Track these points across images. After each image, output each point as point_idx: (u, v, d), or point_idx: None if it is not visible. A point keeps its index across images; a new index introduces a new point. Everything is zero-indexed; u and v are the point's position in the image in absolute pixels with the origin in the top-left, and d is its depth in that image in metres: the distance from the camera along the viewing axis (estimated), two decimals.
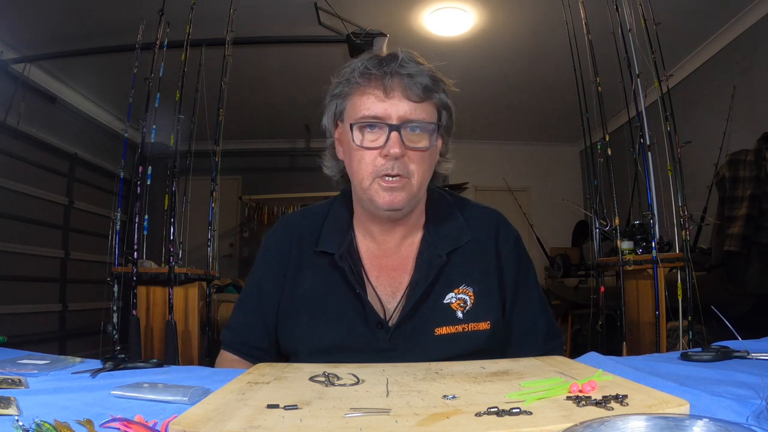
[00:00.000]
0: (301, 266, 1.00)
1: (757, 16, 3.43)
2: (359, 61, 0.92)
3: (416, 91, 0.89)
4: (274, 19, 3.60)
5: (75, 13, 3.46)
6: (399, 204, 0.91)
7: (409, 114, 0.89)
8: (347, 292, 0.95)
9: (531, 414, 0.51)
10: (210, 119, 2.98)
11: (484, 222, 1.03)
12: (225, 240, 6.06)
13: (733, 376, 0.70)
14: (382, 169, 0.89)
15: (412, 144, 0.90)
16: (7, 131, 3.74)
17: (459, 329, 0.93)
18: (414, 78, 0.89)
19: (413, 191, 0.92)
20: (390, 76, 0.89)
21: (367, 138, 0.90)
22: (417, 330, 0.93)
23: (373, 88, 0.90)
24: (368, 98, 0.90)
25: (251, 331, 1.02)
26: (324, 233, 1.00)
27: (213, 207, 3.00)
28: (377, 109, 0.89)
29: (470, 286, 0.96)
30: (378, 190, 0.91)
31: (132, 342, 2.61)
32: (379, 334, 0.93)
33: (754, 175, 2.77)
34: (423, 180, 0.93)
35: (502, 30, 3.91)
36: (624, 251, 2.51)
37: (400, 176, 0.90)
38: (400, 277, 0.98)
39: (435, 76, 0.92)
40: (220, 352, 1.05)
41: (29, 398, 0.64)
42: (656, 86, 2.62)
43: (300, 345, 0.97)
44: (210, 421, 0.50)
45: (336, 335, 0.94)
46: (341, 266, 0.95)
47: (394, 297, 0.97)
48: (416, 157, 0.91)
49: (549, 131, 6.09)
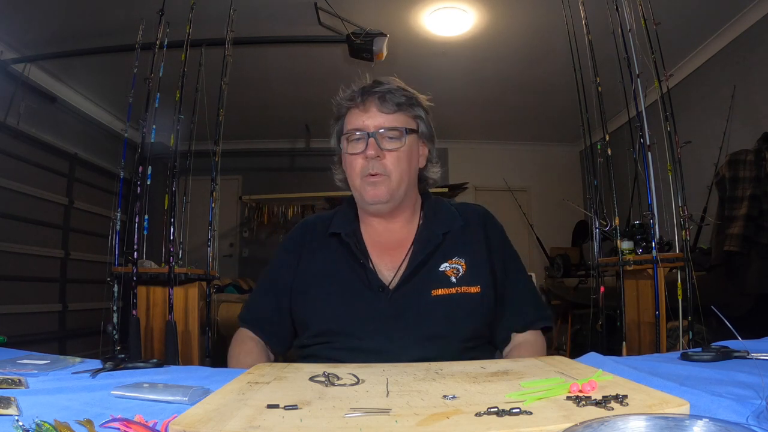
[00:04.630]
0: (314, 250, 1.17)
1: (757, 16, 3.43)
2: (348, 90, 1.15)
3: (389, 106, 1.09)
4: (274, 19, 3.60)
5: (75, 13, 3.46)
6: (381, 197, 1.08)
7: (382, 123, 1.09)
8: (353, 264, 1.11)
9: (531, 414, 0.51)
10: (210, 119, 2.98)
11: (473, 213, 1.21)
12: (225, 240, 6.07)
13: (733, 376, 0.70)
14: (365, 169, 1.09)
15: (387, 146, 1.09)
16: (7, 131, 3.74)
17: (453, 291, 1.06)
18: (385, 95, 1.09)
19: (392, 186, 1.09)
20: (368, 95, 1.10)
21: (351, 146, 1.11)
22: (415, 292, 1.06)
23: (355, 107, 1.13)
24: (352, 114, 1.13)
25: (265, 308, 1.17)
26: (335, 221, 1.19)
27: (213, 207, 2.99)
28: (357, 122, 1.10)
29: (462, 257, 1.11)
30: (364, 186, 1.10)
31: (132, 342, 2.60)
32: (381, 296, 1.06)
33: (754, 175, 2.77)
34: (401, 176, 1.10)
35: (502, 30, 3.91)
36: (624, 251, 2.51)
37: (379, 174, 1.08)
38: (400, 254, 1.12)
39: (408, 94, 1.12)
40: (238, 330, 1.19)
41: (29, 398, 0.64)
42: (656, 86, 2.61)
43: (310, 314, 1.10)
44: (210, 421, 0.50)
45: (342, 300, 1.08)
46: (347, 242, 1.11)
47: (393, 270, 1.10)
48: (392, 157, 1.09)
49: (549, 131, 6.09)
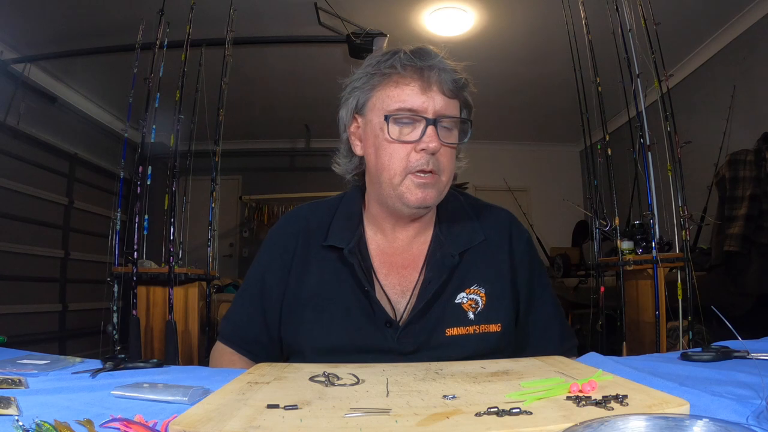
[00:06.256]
0: (307, 261, 0.97)
1: (757, 16, 3.43)
2: (392, 53, 0.89)
3: (450, 86, 0.88)
4: (274, 19, 3.60)
5: (75, 13, 3.46)
6: (430, 201, 0.89)
7: (443, 109, 0.87)
8: (355, 289, 0.92)
9: (531, 414, 0.51)
10: (210, 119, 2.98)
11: (497, 223, 1.01)
12: (225, 240, 6.06)
13: (733, 376, 0.70)
14: (417, 164, 0.87)
15: (446, 139, 0.88)
16: (7, 131, 3.74)
17: (470, 330, 0.90)
18: (450, 74, 0.88)
19: (442, 188, 0.91)
20: (429, 70, 0.87)
21: (402, 132, 0.87)
22: (427, 330, 0.90)
23: (411, 79, 0.87)
24: (405, 89, 0.87)
25: (251, 325, 0.99)
26: (333, 227, 0.97)
27: (213, 207, 3.00)
28: (415, 102, 0.86)
29: (482, 286, 0.93)
30: (410, 187, 0.88)
31: (132, 342, 2.61)
32: (388, 333, 0.90)
33: (754, 175, 2.77)
34: (450, 177, 0.92)
35: (502, 30, 3.91)
36: (624, 251, 2.51)
37: (432, 172, 0.87)
38: (410, 275, 0.95)
39: (462, 75, 0.91)
40: (217, 343, 1.02)
41: (29, 398, 0.63)
42: (656, 86, 2.62)
43: (304, 343, 0.93)
44: (210, 421, 0.50)
45: (342, 334, 0.91)
46: (350, 262, 0.92)
47: (403, 296, 0.94)
48: (447, 153, 0.89)
49: (549, 131, 6.08)
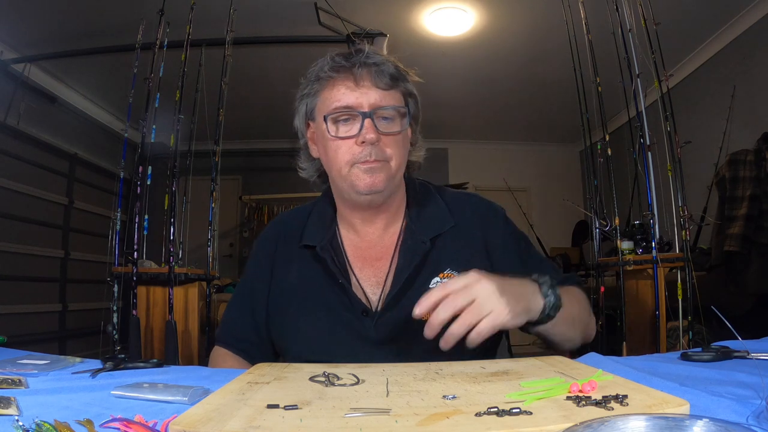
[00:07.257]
0: (288, 261, 1.02)
1: (757, 16, 3.43)
2: (326, 58, 0.95)
3: (384, 80, 0.92)
4: (274, 19, 3.60)
5: (75, 13, 3.46)
6: (380, 185, 0.92)
7: (379, 101, 0.92)
8: (331, 283, 0.96)
9: (531, 414, 0.51)
10: (210, 119, 2.98)
11: (466, 207, 1.03)
12: (225, 240, 6.06)
13: (733, 376, 0.70)
14: (360, 156, 0.91)
15: (386, 129, 0.92)
16: (7, 131, 3.74)
17: None
18: (380, 67, 0.92)
19: (392, 173, 0.94)
20: (359, 67, 0.91)
21: (341, 129, 0.92)
22: (403, 315, 0.90)
23: (343, 79, 0.92)
24: (339, 89, 0.92)
25: (242, 325, 1.04)
26: (308, 228, 1.02)
27: (213, 207, 3.00)
28: (349, 99, 0.91)
29: (455, 269, 0.95)
30: (359, 174, 0.92)
31: (132, 342, 2.61)
32: (365, 321, 0.93)
33: (754, 175, 2.77)
34: (400, 163, 0.95)
35: (502, 30, 3.91)
36: (624, 251, 2.51)
37: (378, 160, 0.91)
38: (384, 267, 0.98)
39: (398, 67, 0.96)
40: (215, 348, 1.08)
41: (29, 398, 0.63)
42: (656, 86, 2.62)
43: (289, 339, 0.98)
44: (210, 421, 0.50)
45: (323, 326, 0.95)
46: (323, 257, 0.96)
47: (378, 286, 0.97)
48: (391, 142, 0.93)
49: (549, 131, 6.09)
